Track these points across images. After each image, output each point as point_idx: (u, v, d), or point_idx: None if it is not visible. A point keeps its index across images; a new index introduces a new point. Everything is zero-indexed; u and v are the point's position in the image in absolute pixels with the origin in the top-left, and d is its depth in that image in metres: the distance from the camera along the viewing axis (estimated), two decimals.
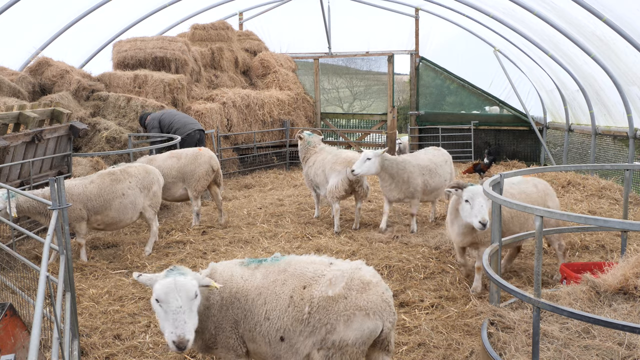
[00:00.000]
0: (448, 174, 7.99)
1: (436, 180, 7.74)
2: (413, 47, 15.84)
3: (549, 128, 14.29)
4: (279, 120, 14.39)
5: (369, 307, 3.02)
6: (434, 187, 7.76)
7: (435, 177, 7.74)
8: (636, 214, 8.29)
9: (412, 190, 7.52)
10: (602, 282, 3.89)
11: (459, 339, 4.43)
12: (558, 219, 3.12)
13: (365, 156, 7.14)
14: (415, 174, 7.51)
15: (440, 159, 7.97)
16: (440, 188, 7.83)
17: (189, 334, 2.91)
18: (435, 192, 7.89)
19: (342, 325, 3.00)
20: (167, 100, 11.78)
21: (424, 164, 7.69)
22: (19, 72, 10.87)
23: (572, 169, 6.45)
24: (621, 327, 2.77)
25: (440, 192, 7.92)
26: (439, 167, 7.83)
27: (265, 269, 3.36)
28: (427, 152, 8.13)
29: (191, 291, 2.98)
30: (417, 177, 7.52)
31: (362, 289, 3.06)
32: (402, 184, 7.45)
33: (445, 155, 8.14)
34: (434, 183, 7.73)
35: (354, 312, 3.00)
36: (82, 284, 5.77)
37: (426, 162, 7.74)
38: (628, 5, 8.47)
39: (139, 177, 6.79)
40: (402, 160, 7.51)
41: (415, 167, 7.54)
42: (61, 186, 3.60)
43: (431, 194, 7.89)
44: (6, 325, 3.41)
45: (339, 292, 3.05)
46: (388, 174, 7.39)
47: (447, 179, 7.90)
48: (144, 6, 13.48)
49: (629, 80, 9.62)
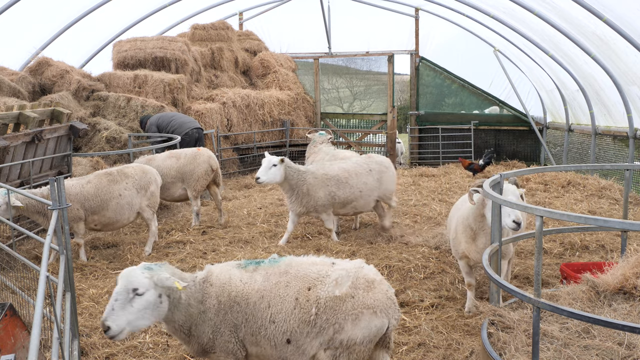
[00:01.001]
0: (366, 185, 7.08)
1: (346, 191, 6.96)
2: (413, 47, 15.83)
3: (549, 128, 14.29)
4: (279, 120, 14.39)
5: (376, 305, 3.04)
6: (344, 199, 6.99)
7: (346, 189, 6.95)
8: (636, 214, 8.29)
9: (314, 203, 6.84)
10: (601, 282, 3.89)
11: (459, 339, 4.43)
12: (558, 218, 3.12)
13: (271, 162, 6.55)
14: (317, 186, 6.81)
15: (362, 168, 7.14)
16: (357, 200, 7.06)
17: (111, 321, 2.94)
18: (352, 205, 7.11)
19: (350, 324, 3.01)
20: (167, 100, 11.78)
21: (333, 173, 6.95)
22: (19, 72, 10.87)
23: (572, 169, 6.45)
24: (621, 327, 2.77)
25: (362, 205, 7.17)
26: (354, 177, 7.03)
27: (264, 271, 3.33)
28: (351, 159, 7.41)
29: (131, 284, 3.01)
30: (318, 189, 6.81)
31: (368, 288, 3.08)
32: (302, 196, 6.81)
33: (373, 164, 7.24)
34: (343, 195, 6.95)
35: (362, 311, 3.02)
36: (82, 284, 5.77)
37: (336, 171, 7.00)
38: (628, 5, 8.47)
39: (135, 177, 6.80)
40: (304, 170, 6.87)
41: (318, 179, 6.84)
42: (61, 186, 3.60)
43: (347, 206, 7.12)
44: (6, 325, 3.41)
45: (346, 291, 3.06)
46: (289, 184, 6.77)
47: (364, 190, 7.07)
48: (144, 6, 13.48)
49: (629, 80, 9.62)
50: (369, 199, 7.16)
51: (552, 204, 8.95)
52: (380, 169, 7.26)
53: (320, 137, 8.87)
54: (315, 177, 6.84)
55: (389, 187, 7.35)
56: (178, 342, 4.34)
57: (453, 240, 5.04)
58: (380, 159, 7.40)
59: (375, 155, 7.60)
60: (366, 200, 7.16)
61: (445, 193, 10.40)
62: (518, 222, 4.17)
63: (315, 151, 8.67)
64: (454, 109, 15.86)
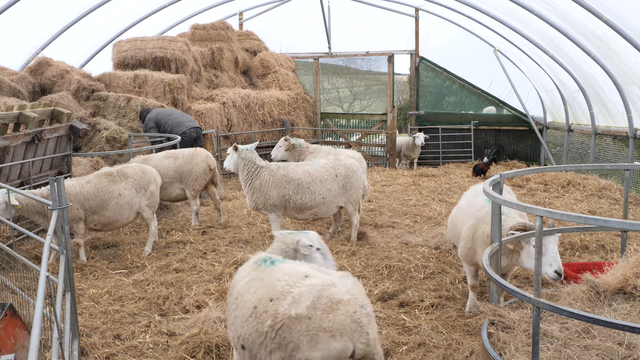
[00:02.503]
0: (330, 192, 6.65)
1: (305, 198, 6.54)
2: (413, 47, 15.84)
3: (549, 128, 14.29)
4: (279, 120, 14.39)
5: (334, 328, 2.81)
6: (301, 205, 6.57)
7: (306, 195, 6.53)
8: (636, 214, 8.29)
9: (264, 201, 6.53)
10: (601, 282, 3.89)
11: (459, 339, 4.43)
12: (558, 219, 3.12)
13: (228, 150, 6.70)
14: (271, 184, 6.48)
15: (328, 173, 6.68)
16: (318, 207, 6.65)
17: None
18: (313, 211, 6.70)
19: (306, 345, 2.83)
20: (167, 100, 11.79)
21: (294, 177, 6.54)
22: (19, 72, 10.87)
23: (572, 169, 6.45)
24: (621, 327, 2.77)
25: (323, 212, 6.77)
26: (317, 183, 6.57)
27: (256, 272, 3.27)
28: (319, 162, 6.89)
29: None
30: (271, 188, 6.48)
31: (330, 309, 2.85)
32: (253, 190, 6.56)
33: (340, 169, 6.76)
34: (301, 201, 6.54)
35: (317, 333, 2.82)
36: (82, 284, 5.77)
37: (299, 175, 6.57)
38: (628, 5, 8.48)
39: (135, 177, 6.81)
40: (262, 165, 6.58)
41: (275, 177, 6.48)
42: (61, 186, 3.60)
43: (306, 212, 6.70)
44: (6, 325, 3.41)
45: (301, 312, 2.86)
46: (242, 175, 6.61)
47: (327, 197, 6.66)
48: (144, 6, 13.49)
49: (629, 80, 9.62)
50: (331, 205, 6.77)
51: (552, 204, 8.96)
52: (347, 174, 6.79)
53: (299, 141, 8.77)
54: (272, 175, 6.52)
55: (354, 193, 6.89)
56: (178, 342, 4.35)
57: (466, 249, 4.83)
58: (348, 163, 6.89)
59: (343, 157, 7.03)
60: (329, 207, 6.77)
61: (445, 193, 10.40)
62: (560, 272, 3.86)
63: (311, 151, 8.57)
64: (454, 109, 15.87)
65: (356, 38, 16.43)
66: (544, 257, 3.87)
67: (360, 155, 8.32)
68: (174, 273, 6.06)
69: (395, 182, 11.77)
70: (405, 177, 12.38)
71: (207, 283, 5.70)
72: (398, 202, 9.69)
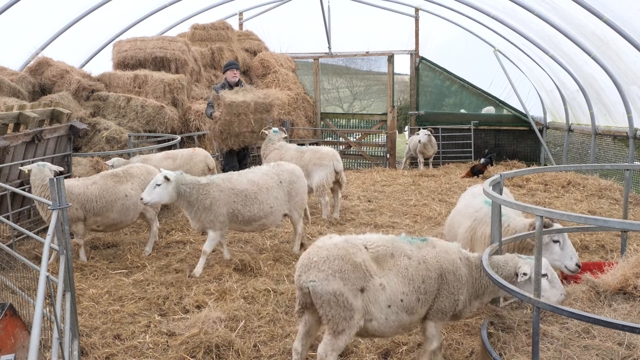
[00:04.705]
0: (277, 200, 6.33)
1: (253, 209, 6.12)
2: (413, 47, 15.84)
3: (549, 128, 14.30)
4: (279, 120, 14.39)
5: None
6: (249, 217, 6.13)
7: (254, 206, 6.12)
8: (636, 214, 8.29)
9: (213, 219, 5.99)
10: (601, 282, 3.90)
11: (459, 339, 4.43)
12: (558, 219, 3.12)
13: (155, 181, 5.81)
14: (221, 201, 5.99)
15: (273, 180, 6.35)
16: (267, 217, 6.28)
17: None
18: (261, 222, 6.30)
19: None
20: (167, 100, 11.79)
21: (241, 187, 6.11)
22: (19, 72, 10.87)
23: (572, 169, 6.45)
24: (621, 327, 2.77)
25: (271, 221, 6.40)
26: (264, 192, 6.22)
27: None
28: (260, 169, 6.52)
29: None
30: (222, 205, 5.99)
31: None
32: (202, 211, 5.96)
33: (284, 175, 6.45)
34: (249, 213, 6.10)
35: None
36: (82, 284, 5.77)
37: (245, 185, 6.15)
38: (628, 5, 8.48)
39: (141, 177, 6.79)
40: (206, 183, 6.01)
41: (224, 192, 6.01)
42: (61, 186, 3.60)
43: (254, 224, 6.28)
44: (6, 325, 3.41)
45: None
46: (186, 201, 5.95)
47: (275, 206, 6.30)
48: (144, 6, 13.49)
49: (629, 80, 9.62)
50: (278, 214, 6.41)
51: (552, 204, 8.96)
52: (291, 179, 6.49)
53: (277, 135, 8.87)
54: (221, 191, 6.01)
55: (299, 200, 6.59)
56: (178, 342, 4.35)
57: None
58: (291, 168, 6.60)
59: (284, 163, 6.74)
60: (275, 217, 6.40)
61: (445, 193, 10.40)
62: (579, 265, 4.24)
63: (276, 147, 8.65)
64: (454, 109, 15.87)
65: (356, 38, 16.44)
66: (564, 251, 4.22)
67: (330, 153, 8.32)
68: (174, 273, 6.06)
69: (395, 182, 11.78)
70: (405, 177, 12.38)
71: (207, 283, 5.70)
72: (398, 202, 9.69)
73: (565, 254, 4.22)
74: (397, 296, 3.46)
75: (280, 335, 4.49)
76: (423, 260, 3.59)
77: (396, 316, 3.50)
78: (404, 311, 3.51)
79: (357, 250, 3.45)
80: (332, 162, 8.12)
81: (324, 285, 3.31)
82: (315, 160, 8.13)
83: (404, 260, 3.55)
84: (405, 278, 3.50)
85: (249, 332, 4.56)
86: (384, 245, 3.59)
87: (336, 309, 3.31)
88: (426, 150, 13.85)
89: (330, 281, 3.30)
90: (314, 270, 3.36)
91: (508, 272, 3.66)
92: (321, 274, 3.33)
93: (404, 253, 3.58)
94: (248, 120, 9.01)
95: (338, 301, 3.29)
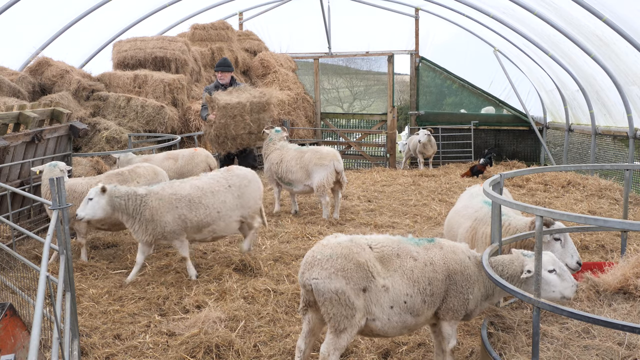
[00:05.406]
0: (224, 204, 6.08)
1: (200, 213, 5.89)
2: (413, 47, 15.84)
3: (549, 128, 14.30)
4: (279, 120, 14.39)
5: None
6: (197, 222, 5.90)
7: (199, 210, 5.89)
8: (636, 214, 8.29)
9: (161, 230, 5.78)
10: (602, 282, 3.90)
11: (459, 339, 4.43)
12: (558, 219, 3.12)
13: (89, 195, 5.61)
14: (162, 209, 5.76)
15: (219, 184, 6.14)
16: (215, 223, 6.05)
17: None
18: (210, 228, 6.05)
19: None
20: (167, 100, 11.79)
21: (183, 193, 5.88)
22: (19, 72, 10.88)
23: (572, 169, 6.45)
24: (621, 327, 2.77)
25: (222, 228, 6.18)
26: (209, 195, 6.01)
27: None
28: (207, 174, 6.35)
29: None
30: (164, 213, 5.75)
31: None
32: (146, 222, 5.75)
33: (233, 179, 6.23)
34: (197, 218, 5.88)
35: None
36: (82, 284, 5.77)
37: (187, 190, 5.93)
38: (628, 5, 8.49)
39: (147, 177, 6.77)
40: (143, 193, 5.77)
41: (164, 201, 5.78)
42: (61, 186, 3.60)
43: (204, 230, 6.03)
44: (6, 325, 3.41)
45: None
46: (124, 213, 5.70)
47: (222, 211, 6.05)
48: (144, 6, 13.49)
49: (629, 80, 9.63)
50: (229, 220, 6.17)
51: (552, 204, 8.96)
52: (242, 184, 6.27)
53: (278, 135, 8.87)
54: (160, 199, 5.78)
55: (253, 204, 6.35)
56: (178, 342, 4.35)
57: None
58: (243, 172, 6.41)
59: (236, 167, 6.57)
60: (227, 222, 6.17)
61: (445, 193, 10.40)
62: (580, 263, 4.26)
63: (277, 148, 8.66)
64: (454, 109, 15.88)
65: (356, 38, 16.44)
66: (565, 249, 4.25)
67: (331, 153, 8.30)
68: (174, 273, 6.06)
69: (395, 182, 11.78)
70: (405, 177, 12.38)
71: (207, 283, 5.70)
72: (398, 202, 9.70)
73: (566, 251, 4.26)
74: (400, 297, 3.46)
75: (280, 336, 4.49)
76: (430, 262, 3.58)
77: (399, 317, 3.50)
78: (408, 312, 3.51)
79: (360, 250, 3.46)
80: (332, 162, 8.13)
81: (326, 284, 3.32)
82: (316, 161, 8.14)
83: (410, 261, 3.55)
84: (410, 280, 3.50)
85: (249, 332, 4.56)
86: (390, 246, 3.59)
87: (338, 308, 3.31)
88: (426, 150, 13.80)
89: (332, 279, 3.31)
90: (317, 268, 3.37)
91: (514, 270, 3.64)
92: (324, 272, 3.34)
93: (410, 254, 3.58)
94: (244, 121, 8.91)
95: (340, 300, 3.30)
